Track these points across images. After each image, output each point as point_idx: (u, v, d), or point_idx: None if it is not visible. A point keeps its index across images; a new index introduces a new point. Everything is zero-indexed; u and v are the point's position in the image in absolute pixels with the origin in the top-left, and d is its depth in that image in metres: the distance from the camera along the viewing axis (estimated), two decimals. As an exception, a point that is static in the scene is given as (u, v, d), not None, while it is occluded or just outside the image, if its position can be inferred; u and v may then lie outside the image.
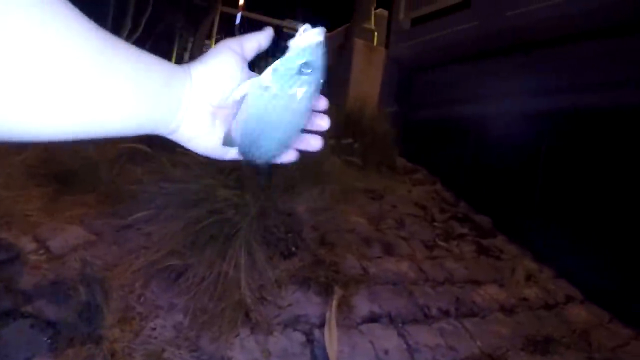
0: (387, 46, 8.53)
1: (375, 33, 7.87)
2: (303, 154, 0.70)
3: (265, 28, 0.67)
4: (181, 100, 0.56)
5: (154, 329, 2.28)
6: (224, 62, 0.60)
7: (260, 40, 0.65)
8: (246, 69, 0.63)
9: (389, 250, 3.54)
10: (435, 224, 4.38)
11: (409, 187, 5.17)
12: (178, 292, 2.47)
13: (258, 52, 0.65)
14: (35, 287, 2.39)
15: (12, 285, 2.37)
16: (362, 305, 2.80)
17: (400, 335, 2.68)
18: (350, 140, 4.70)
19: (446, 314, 3.02)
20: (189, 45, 13.55)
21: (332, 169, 3.69)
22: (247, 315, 2.41)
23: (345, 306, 2.71)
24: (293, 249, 2.88)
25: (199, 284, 2.44)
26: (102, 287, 2.37)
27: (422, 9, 8.51)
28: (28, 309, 2.24)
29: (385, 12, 9.10)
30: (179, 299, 2.44)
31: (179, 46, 15.47)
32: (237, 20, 15.96)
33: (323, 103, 0.66)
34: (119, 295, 2.40)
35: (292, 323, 2.51)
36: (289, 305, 2.60)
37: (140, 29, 11.47)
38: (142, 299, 2.43)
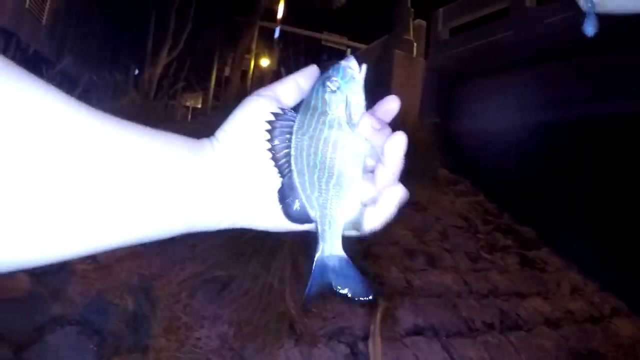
0: (426, 57, 8.51)
1: (415, 44, 7.84)
2: None
3: (309, 66, 0.52)
4: (213, 168, 0.44)
5: (199, 339, 2.30)
6: (255, 111, 0.47)
7: (298, 80, 0.51)
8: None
9: (433, 262, 3.50)
10: (479, 235, 4.32)
11: (452, 199, 5.11)
12: (223, 303, 2.49)
13: (301, 95, 0.50)
14: (82, 296, 2.45)
15: (60, 293, 2.42)
16: (406, 318, 2.77)
17: (445, 348, 2.64)
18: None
19: (491, 327, 2.97)
20: (229, 61, 13.76)
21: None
22: (291, 326, 2.42)
23: (389, 319, 2.69)
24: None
25: (244, 295, 2.46)
26: (148, 297, 2.41)
27: (460, 19, 8.47)
28: (75, 316, 2.29)
29: (424, 23, 9.09)
30: (223, 310, 2.46)
31: (219, 62, 15.72)
32: (276, 34, 16.15)
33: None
34: (164, 305, 2.43)
35: (337, 335, 2.50)
36: (334, 317, 2.59)
37: (180, 45, 11.76)
38: (187, 309, 2.46)
